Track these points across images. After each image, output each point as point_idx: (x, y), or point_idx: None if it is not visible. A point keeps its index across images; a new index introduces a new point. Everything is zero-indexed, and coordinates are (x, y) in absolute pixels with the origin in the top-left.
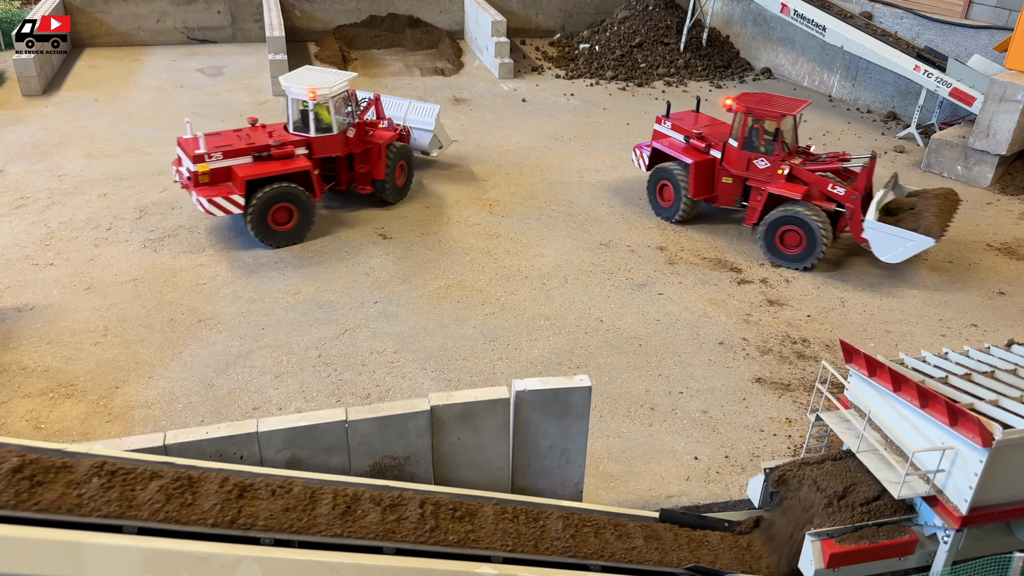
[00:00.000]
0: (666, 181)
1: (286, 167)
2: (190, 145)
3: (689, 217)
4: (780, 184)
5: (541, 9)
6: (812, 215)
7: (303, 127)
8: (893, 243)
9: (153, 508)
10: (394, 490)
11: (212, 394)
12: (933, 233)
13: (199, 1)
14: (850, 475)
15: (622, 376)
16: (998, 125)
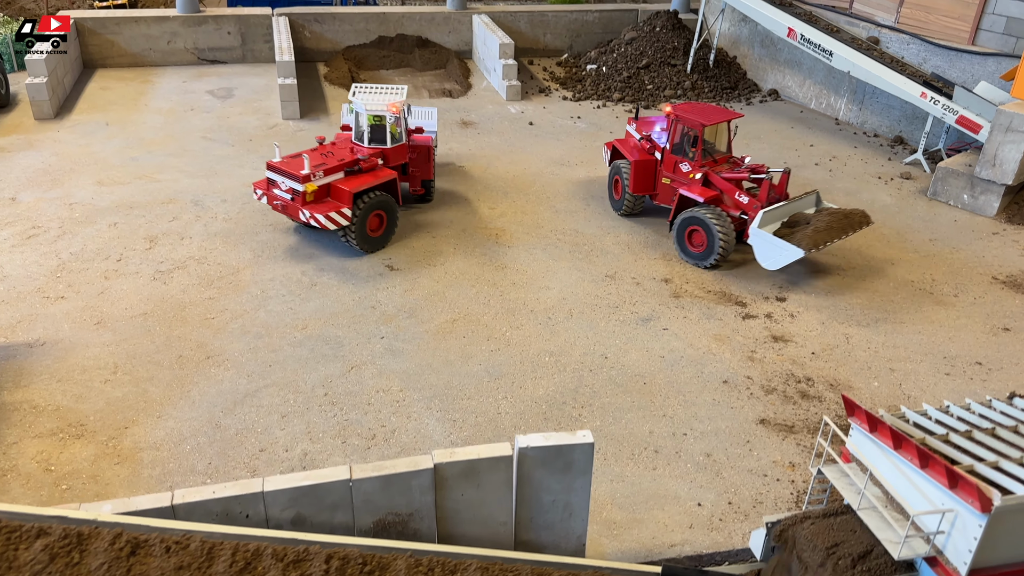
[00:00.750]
0: (618, 177)
1: (379, 178)
2: (294, 167)
3: (632, 212)
4: (690, 187)
5: (549, 29)
6: (712, 218)
7: (381, 139)
8: (770, 250)
9: (35, 570)
10: (300, 543)
11: (220, 435)
12: (803, 245)
13: (209, 22)
14: (851, 531)
15: (626, 416)
16: (1004, 155)
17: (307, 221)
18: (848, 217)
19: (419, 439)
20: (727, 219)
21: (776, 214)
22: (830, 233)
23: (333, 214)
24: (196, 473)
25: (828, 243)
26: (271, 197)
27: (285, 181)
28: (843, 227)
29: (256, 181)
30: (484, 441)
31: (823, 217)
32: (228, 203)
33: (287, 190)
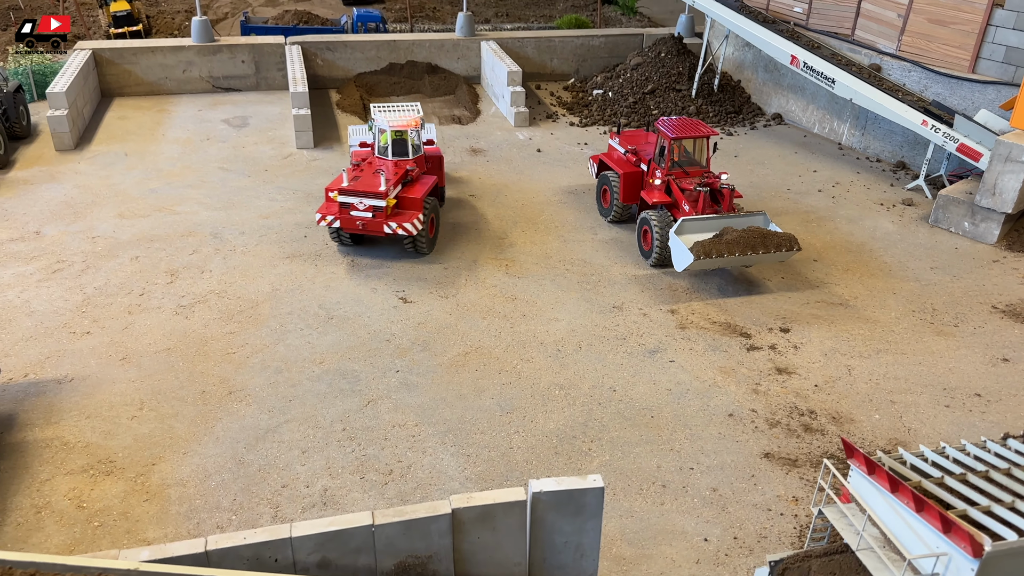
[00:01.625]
0: (606, 187)
1: (428, 185)
2: (370, 186)
3: (620, 219)
4: (650, 191)
5: (556, 54)
6: (655, 220)
7: (403, 152)
8: (674, 251)
9: None
10: None
11: (243, 471)
12: (694, 249)
13: (224, 51)
14: (851, 571)
15: (635, 451)
16: (1004, 184)
17: (393, 232)
18: (767, 238)
19: (434, 475)
20: (668, 222)
21: (703, 225)
22: (732, 246)
23: (409, 223)
24: (222, 510)
25: (725, 255)
26: (347, 220)
27: (363, 201)
28: (752, 245)
29: (320, 209)
30: (497, 476)
31: (740, 233)
32: (246, 235)
33: (366, 208)
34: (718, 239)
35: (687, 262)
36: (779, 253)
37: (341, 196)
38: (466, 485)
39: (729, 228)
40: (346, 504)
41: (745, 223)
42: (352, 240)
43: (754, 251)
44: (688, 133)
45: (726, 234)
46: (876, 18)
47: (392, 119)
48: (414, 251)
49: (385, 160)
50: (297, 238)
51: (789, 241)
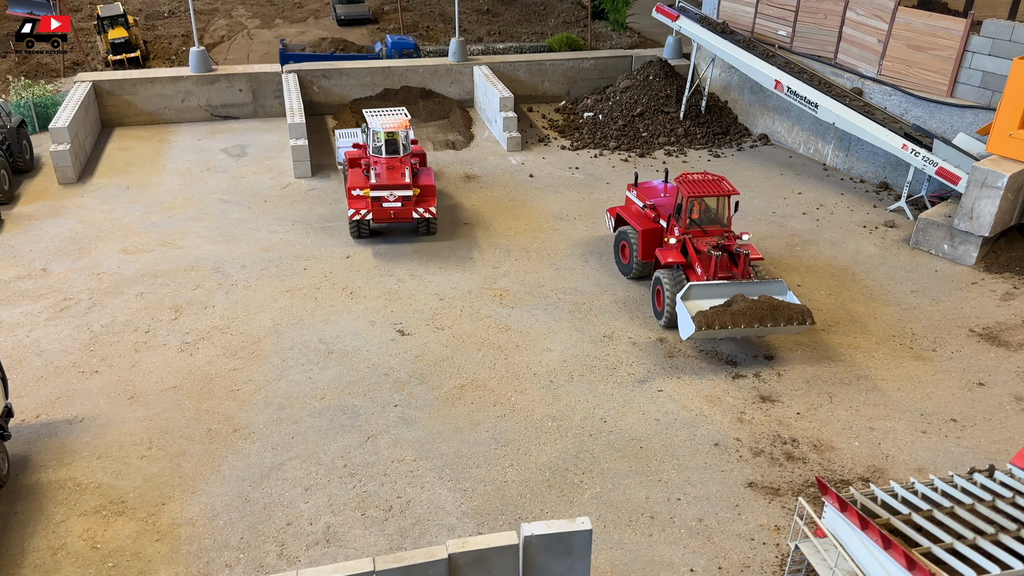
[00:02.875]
0: (625, 243)
1: (431, 175)
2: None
3: (641, 275)
4: (666, 250)
5: (547, 77)
6: (667, 281)
7: (395, 151)
8: (680, 319)
9: None
10: None
11: (249, 509)
12: (696, 320)
13: (222, 80)
14: None
15: (624, 483)
16: (980, 209)
17: (420, 216)
18: (777, 310)
19: (432, 510)
20: (682, 285)
21: (712, 291)
22: (738, 318)
23: (432, 208)
24: (230, 548)
25: (730, 326)
26: (380, 211)
27: (393, 193)
28: (760, 317)
29: (351, 205)
30: (493, 511)
31: (749, 303)
32: (247, 269)
33: (397, 199)
34: (724, 309)
35: (689, 331)
36: (789, 327)
37: (373, 191)
38: (463, 520)
39: (740, 296)
40: (348, 541)
41: (758, 291)
42: (371, 233)
43: (762, 323)
44: (707, 191)
45: (735, 303)
46: (857, 43)
47: (385, 122)
48: (427, 233)
49: (392, 158)
50: (297, 271)
51: (802, 314)
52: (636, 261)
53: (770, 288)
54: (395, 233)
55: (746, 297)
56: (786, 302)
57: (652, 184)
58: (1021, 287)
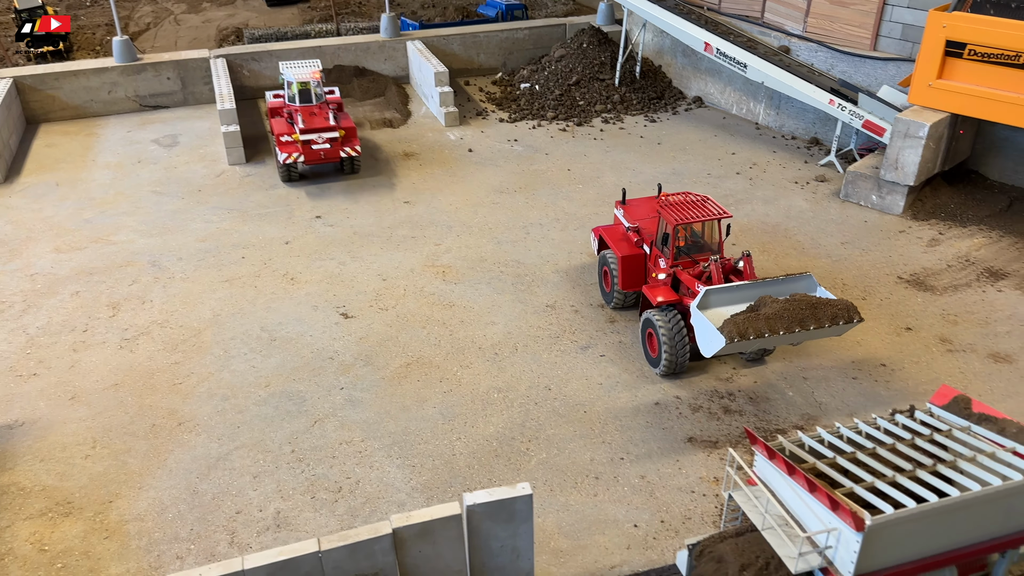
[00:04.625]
0: (607, 268)
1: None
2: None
3: (623, 306)
4: (653, 288)
5: (482, 49)
6: (661, 323)
7: (308, 100)
8: (702, 333)
9: None
10: None
11: (198, 501)
12: (725, 331)
13: (148, 69)
14: (759, 548)
15: (569, 447)
16: (904, 159)
17: (347, 155)
18: (817, 308)
19: (382, 488)
20: (679, 327)
21: (732, 295)
22: (774, 322)
23: (357, 146)
24: (180, 540)
25: (767, 334)
26: (311, 153)
27: (322, 135)
28: (800, 319)
29: (283, 150)
30: (442, 484)
31: (782, 304)
32: (184, 261)
33: (325, 141)
34: (756, 314)
35: (717, 346)
36: (834, 327)
37: (303, 135)
38: (412, 496)
39: (767, 298)
40: (299, 524)
41: (786, 289)
42: (299, 176)
43: (803, 327)
44: (695, 216)
45: (763, 305)
46: (783, 1)
47: (297, 73)
48: (352, 171)
49: (310, 105)
50: (235, 260)
51: (847, 310)
52: (617, 290)
53: (798, 285)
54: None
55: (775, 298)
56: (826, 298)
57: (641, 201)
58: (946, 233)
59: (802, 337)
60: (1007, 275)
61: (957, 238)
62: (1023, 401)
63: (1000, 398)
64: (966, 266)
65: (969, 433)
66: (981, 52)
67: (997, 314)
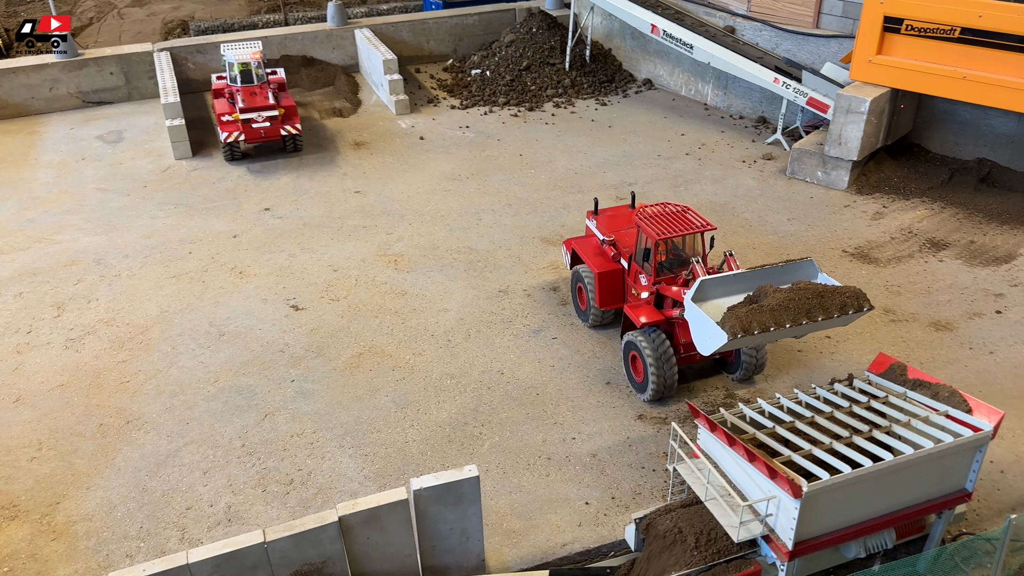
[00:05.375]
0: (581, 285)
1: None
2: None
3: (601, 324)
4: (635, 307)
5: (432, 36)
6: (647, 347)
7: (249, 80)
8: (701, 329)
9: None
10: None
11: (147, 498)
12: (727, 326)
13: (90, 65)
14: (703, 518)
15: (522, 429)
16: (848, 134)
17: (288, 133)
18: (824, 297)
19: (334, 478)
20: (665, 348)
21: (728, 284)
22: (779, 315)
23: (297, 124)
24: (129, 539)
25: (772, 327)
26: (251, 132)
27: (261, 114)
28: (807, 309)
29: (224, 128)
30: (395, 472)
31: (786, 294)
32: (130, 258)
33: (265, 119)
34: (759, 307)
35: (718, 343)
36: (844, 317)
37: (243, 113)
38: (365, 484)
39: (767, 287)
40: (250, 518)
41: (786, 276)
42: (242, 155)
43: (810, 318)
44: (677, 229)
45: (764, 296)
46: None
47: (238, 54)
48: (294, 150)
49: (251, 85)
50: (182, 256)
51: (856, 298)
52: (594, 308)
53: (799, 271)
54: (280, 177)
55: (776, 287)
56: (833, 286)
57: (617, 211)
58: (890, 206)
59: (808, 329)
60: (948, 245)
61: (900, 211)
62: (963, 367)
63: (941, 365)
64: (909, 238)
65: (905, 399)
66: (918, 27)
67: (938, 283)
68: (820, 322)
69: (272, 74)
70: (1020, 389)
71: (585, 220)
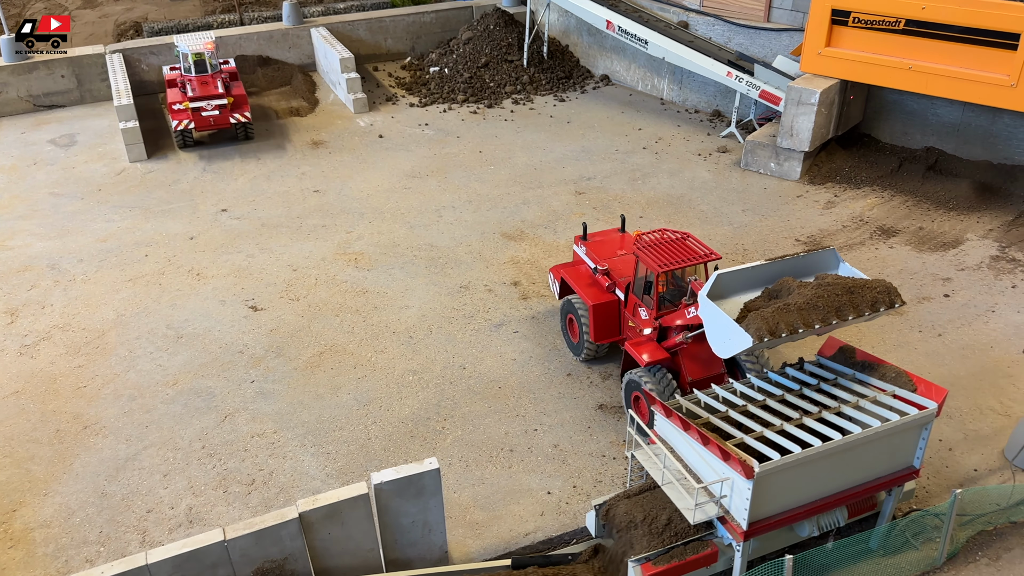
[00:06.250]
0: (572, 316)
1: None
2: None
3: (595, 357)
4: (637, 345)
5: (389, 34)
6: (652, 387)
7: (203, 70)
8: (718, 329)
9: None
10: None
11: (107, 503)
12: (752, 329)
13: (41, 68)
14: (661, 503)
15: (484, 422)
16: (799, 126)
17: (238, 120)
18: (855, 293)
19: (296, 477)
20: (670, 388)
21: (746, 277)
22: (808, 314)
23: (247, 112)
24: (89, 543)
25: (801, 328)
26: (201, 120)
27: (210, 102)
28: (837, 307)
29: (174, 116)
30: (357, 469)
31: (813, 290)
32: (85, 263)
33: (214, 108)
34: (784, 304)
35: (742, 346)
36: (876, 314)
37: (192, 102)
38: (327, 482)
39: (789, 280)
40: (211, 519)
41: (808, 267)
42: (195, 142)
43: (840, 317)
44: (679, 260)
45: (786, 291)
46: None
47: (191, 44)
48: (245, 137)
49: (203, 75)
50: (138, 259)
51: (888, 293)
52: (588, 342)
53: (821, 261)
54: (233, 175)
55: (800, 281)
56: (861, 280)
57: (605, 236)
58: (841, 195)
59: (837, 327)
60: (898, 232)
61: (851, 199)
62: (912, 350)
63: (892, 347)
64: (860, 225)
65: (853, 380)
66: (864, 19)
67: (889, 269)
68: (851, 320)
69: (224, 63)
70: (967, 369)
71: (573, 246)
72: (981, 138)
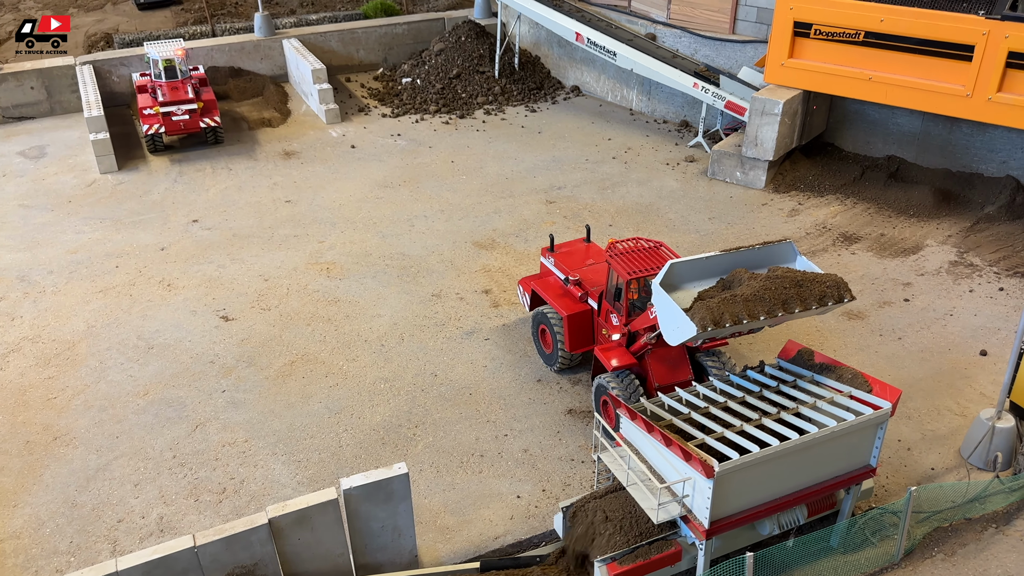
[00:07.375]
0: (545, 327)
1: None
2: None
3: (570, 366)
4: (606, 351)
5: (361, 45)
6: (618, 392)
7: (173, 76)
8: (668, 317)
9: None
10: None
11: (77, 513)
12: (696, 318)
13: (9, 80)
14: (626, 503)
15: (455, 428)
16: (763, 136)
17: (208, 125)
18: (803, 286)
19: (267, 485)
20: (637, 393)
21: (699, 267)
22: (753, 306)
23: (216, 117)
24: (59, 554)
25: (745, 319)
26: (171, 124)
27: (180, 107)
28: (783, 300)
29: (145, 121)
30: (328, 476)
31: (762, 282)
32: (55, 274)
33: (184, 112)
34: (730, 295)
35: (686, 335)
36: (823, 308)
37: (163, 107)
38: (298, 490)
39: (741, 271)
40: (182, 528)
41: (763, 259)
42: (165, 147)
43: (786, 309)
44: (649, 268)
45: (738, 282)
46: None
47: (162, 50)
48: (215, 142)
49: (173, 81)
50: (108, 270)
51: (837, 288)
52: (562, 352)
53: (776, 253)
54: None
55: (752, 272)
56: (812, 273)
57: (572, 247)
58: (805, 203)
59: (784, 320)
60: (860, 238)
61: (815, 207)
62: (873, 353)
63: (853, 351)
64: (823, 232)
65: (811, 382)
66: (826, 31)
67: (851, 275)
68: (798, 313)
69: (194, 70)
70: (926, 371)
71: (540, 258)
72: (940, 147)
